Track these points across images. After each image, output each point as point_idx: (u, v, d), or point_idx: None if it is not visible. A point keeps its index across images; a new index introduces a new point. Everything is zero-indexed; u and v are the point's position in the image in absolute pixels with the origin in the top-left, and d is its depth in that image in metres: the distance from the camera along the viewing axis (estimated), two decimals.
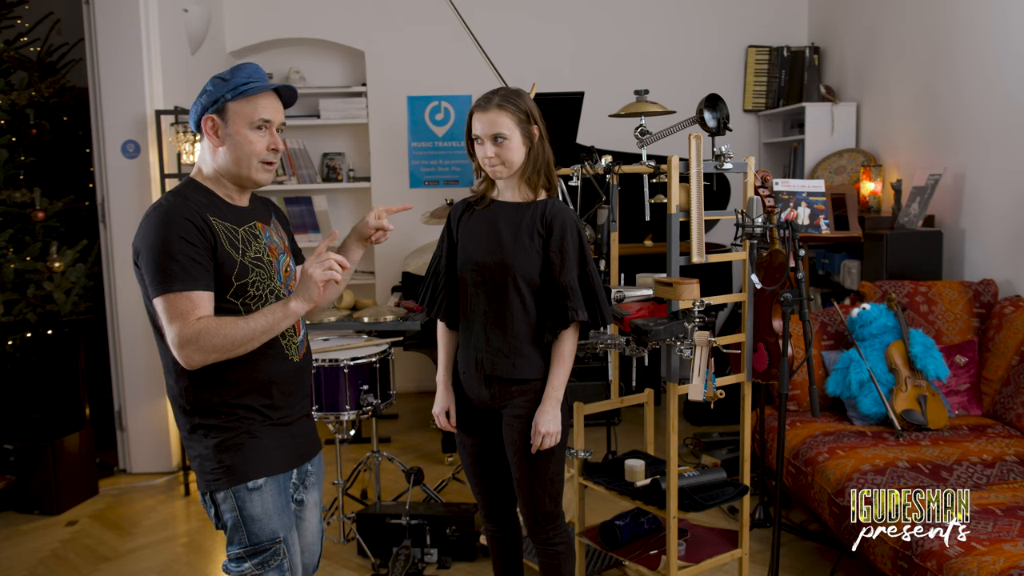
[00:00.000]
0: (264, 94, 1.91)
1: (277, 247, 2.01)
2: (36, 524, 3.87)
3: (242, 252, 1.89)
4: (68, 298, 4.07)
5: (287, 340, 1.97)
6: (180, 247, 1.79)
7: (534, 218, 2.31)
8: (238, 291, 1.88)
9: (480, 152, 2.29)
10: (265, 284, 1.93)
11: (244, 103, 1.89)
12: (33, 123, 4.41)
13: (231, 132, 1.89)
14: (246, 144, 1.88)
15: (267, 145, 1.91)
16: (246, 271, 1.89)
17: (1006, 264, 3.78)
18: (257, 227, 1.97)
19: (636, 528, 2.84)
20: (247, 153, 1.89)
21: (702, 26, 5.77)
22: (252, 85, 1.89)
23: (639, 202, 2.84)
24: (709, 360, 2.39)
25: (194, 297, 1.79)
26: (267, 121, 1.90)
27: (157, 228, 1.81)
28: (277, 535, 1.92)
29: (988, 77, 3.89)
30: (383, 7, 5.62)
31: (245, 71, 1.92)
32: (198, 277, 1.80)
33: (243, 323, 1.80)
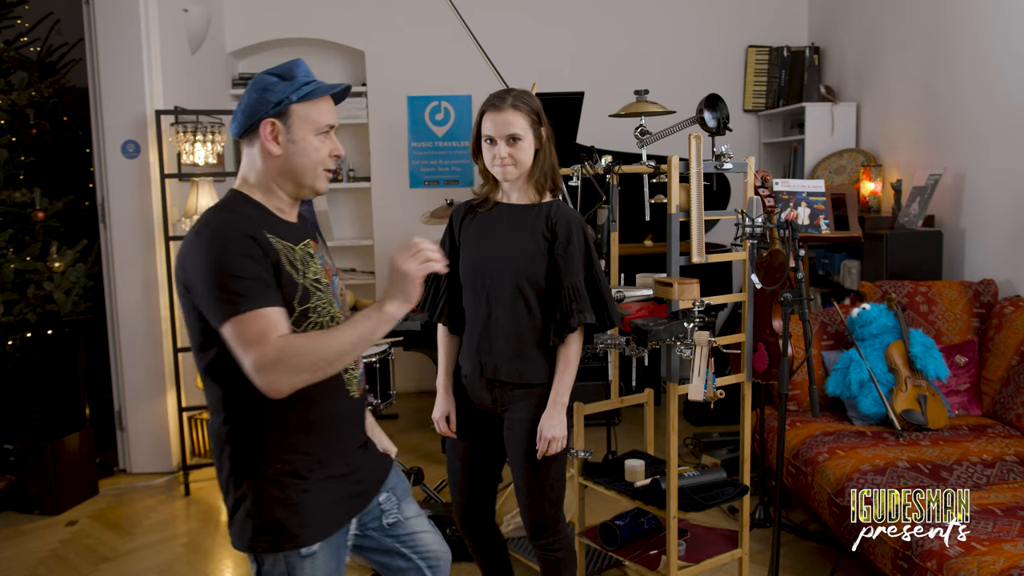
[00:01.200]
0: (327, 98, 1.75)
1: (330, 267, 1.83)
2: (36, 524, 3.87)
3: (302, 273, 1.69)
4: (68, 298, 4.07)
5: (348, 374, 1.77)
6: (241, 264, 1.57)
7: (539, 220, 2.29)
8: (300, 318, 1.67)
9: (492, 152, 2.25)
10: (326, 309, 1.72)
11: (309, 106, 1.70)
12: (33, 123, 4.41)
13: (295, 138, 1.69)
14: (312, 151, 1.70)
15: (330, 151, 1.74)
16: (308, 295, 1.68)
17: (1006, 264, 3.78)
18: (311, 245, 1.76)
19: (636, 528, 2.84)
20: (313, 161, 1.71)
21: (702, 26, 5.77)
22: (318, 86, 1.72)
23: (639, 202, 2.84)
24: (709, 360, 2.39)
25: (268, 314, 1.56)
26: (331, 126, 1.74)
27: (211, 248, 1.58)
28: None
29: (988, 77, 3.89)
30: (383, 7, 5.62)
31: (303, 69, 1.73)
32: (267, 294, 1.58)
33: (333, 335, 1.58)
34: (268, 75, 1.72)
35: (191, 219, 4.30)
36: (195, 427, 4.47)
